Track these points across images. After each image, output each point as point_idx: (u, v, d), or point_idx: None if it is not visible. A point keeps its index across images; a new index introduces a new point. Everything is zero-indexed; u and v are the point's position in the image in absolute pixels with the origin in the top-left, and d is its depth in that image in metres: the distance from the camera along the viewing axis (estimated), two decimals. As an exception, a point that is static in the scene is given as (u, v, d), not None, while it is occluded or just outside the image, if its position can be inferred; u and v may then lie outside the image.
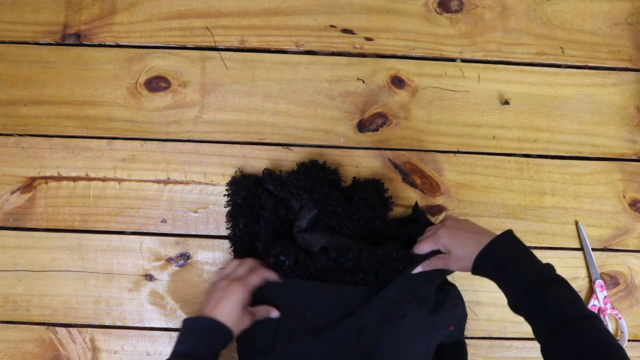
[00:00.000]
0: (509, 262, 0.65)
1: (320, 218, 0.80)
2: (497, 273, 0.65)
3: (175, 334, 0.85)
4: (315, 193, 0.79)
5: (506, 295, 0.65)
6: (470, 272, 0.68)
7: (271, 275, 0.74)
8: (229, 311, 0.68)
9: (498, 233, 0.67)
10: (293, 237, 0.80)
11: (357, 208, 0.80)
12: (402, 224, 0.84)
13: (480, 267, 0.67)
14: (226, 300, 0.69)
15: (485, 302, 0.87)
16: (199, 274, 0.86)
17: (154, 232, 0.87)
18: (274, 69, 0.89)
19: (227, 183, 0.85)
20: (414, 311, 0.72)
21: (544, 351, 0.59)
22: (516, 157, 0.89)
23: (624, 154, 0.90)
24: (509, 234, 0.67)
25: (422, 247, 0.73)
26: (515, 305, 0.63)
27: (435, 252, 0.72)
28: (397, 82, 0.89)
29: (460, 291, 0.82)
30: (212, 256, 0.87)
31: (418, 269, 0.72)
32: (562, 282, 0.62)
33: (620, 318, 0.86)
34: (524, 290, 0.62)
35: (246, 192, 0.82)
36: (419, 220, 0.83)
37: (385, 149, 0.88)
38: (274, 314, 0.74)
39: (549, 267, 0.64)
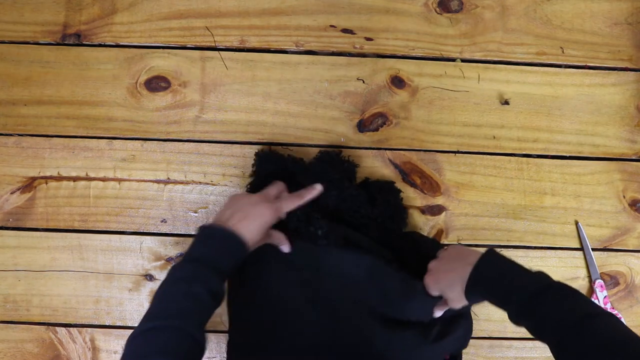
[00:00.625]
0: (498, 281, 0.63)
1: (340, 214, 0.78)
2: (490, 295, 0.63)
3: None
4: (344, 190, 0.78)
5: (506, 311, 0.62)
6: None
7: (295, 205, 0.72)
8: (254, 231, 0.66)
9: (482, 253, 0.65)
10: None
11: (381, 211, 0.80)
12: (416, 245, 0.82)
13: (473, 299, 0.65)
14: (254, 218, 0.67)
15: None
16: (199, 274, 0.86)
17: (154, 232, 0.87)
18: (274, 69, 0.89)
19: (255, 153, 0.84)
20: (417, 336, 0.71)
21: (558, 357, 0.55)
22: (516, 157, 0.89)
23: (624, 154, 0.90)
24: (488, 255, 0.65)
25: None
26: (517, 317, 0.61)
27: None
28: (397, 82, 0.89)
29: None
30: (212, 256, 0.87)
31: (438, 313, 0.72)
32: (563, 285, 0.60)
33: (620, 318, 0.86)
34: (523, 300, 0.59)
35: (274, 167, 0.80)
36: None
37: (385, 149, 0.88)
38: (285, 248, 0.71)
39: (543, 274, 0.62)
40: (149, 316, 0.59)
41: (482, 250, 0.65)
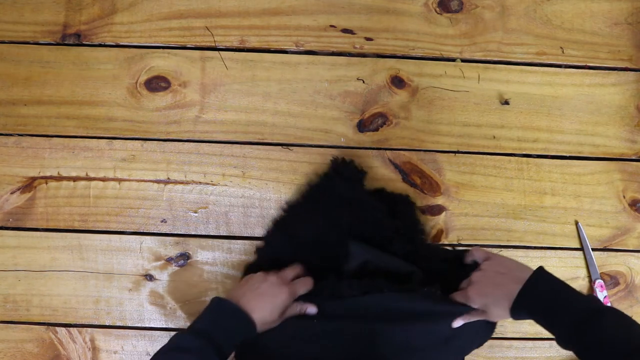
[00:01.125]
0: (549, 302, 0.61)
1: (362, 228, 0.78)
2: (539, 315, 0.62)
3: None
4: (365, 204, 0.79)
5: (554, 333, 0.61)
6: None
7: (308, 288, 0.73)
8: (267, 312, 0.66)
9: (529, 268, 0.65)
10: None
11: (403, 223, 0.80)
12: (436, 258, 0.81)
13: (519, 316, 0.64)
14: (270, 299, 0.67)
15: (485, 302, 0.87)
16: (199, 274, 0.86)
17: (154, 232, 0.87)
18: (274, 69, 0.89)
19: (331, 161, 0.84)
20: (438, 348, 0.71)
21: None
22: (516, 157, 0.89)
23: (624, 154, 0.90)
24: (539, 273, 0.64)
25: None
26: (567, 341, 0.59)
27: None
28: (397, 82, 0.89)
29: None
30: (212, 256, 0.87)
31: (459, 322, 0.70)
32: (617, 311, 0.59)
33: (620, 318, 0.86)
34: (575, 324, 0.58)
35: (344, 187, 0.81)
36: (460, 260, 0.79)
37: (385, 149, 0.88)
38: (311, 309, 0.70)
39: (594, 297, 0.61)
40: None
41: (522, 260, 0.64)
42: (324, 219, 0.79)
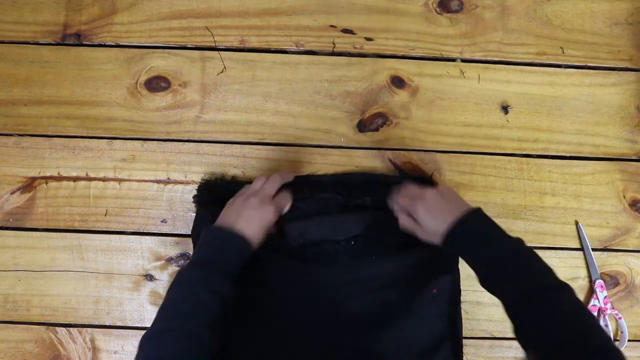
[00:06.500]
0: (477, 239, 0.66)
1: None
2: (466, 249, 0.67)
3: (175, 334, 0.85)
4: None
5: (476, 272, 0.65)
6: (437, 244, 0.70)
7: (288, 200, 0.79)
8: (260, 231, 0.70)
9: (472, 207, 0.69)
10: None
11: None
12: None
13: (449, 244, 0.67)
14: (259, 220, 0.71)
15: (485, 302, 0.87)
16: (199, 274, 0.86)
17: (154, 232, 0.87)
18: (274, 69, 0.89)
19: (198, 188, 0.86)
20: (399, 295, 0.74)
21: (517, 329, 0.59)
22: (516, 157, 0.89)
23: (624, 154, 0.90)
24: (477, 212, 0.68)
25: (395, 209, 0.76)
26: (485, 280, 0.64)
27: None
28: (397, 82, 0.89)
29: (462, 290, 0.82)
30: (212, 256, 0.87)
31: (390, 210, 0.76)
32: (532, 253, 0.63)
33: (620, 318, 0.86)
34: (493, 262, 0.63)
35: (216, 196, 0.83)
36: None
37: (385, 149, 0.88)
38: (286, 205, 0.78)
39: (519, 240, 0.65)
40: (154, 321, 0.63)
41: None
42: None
